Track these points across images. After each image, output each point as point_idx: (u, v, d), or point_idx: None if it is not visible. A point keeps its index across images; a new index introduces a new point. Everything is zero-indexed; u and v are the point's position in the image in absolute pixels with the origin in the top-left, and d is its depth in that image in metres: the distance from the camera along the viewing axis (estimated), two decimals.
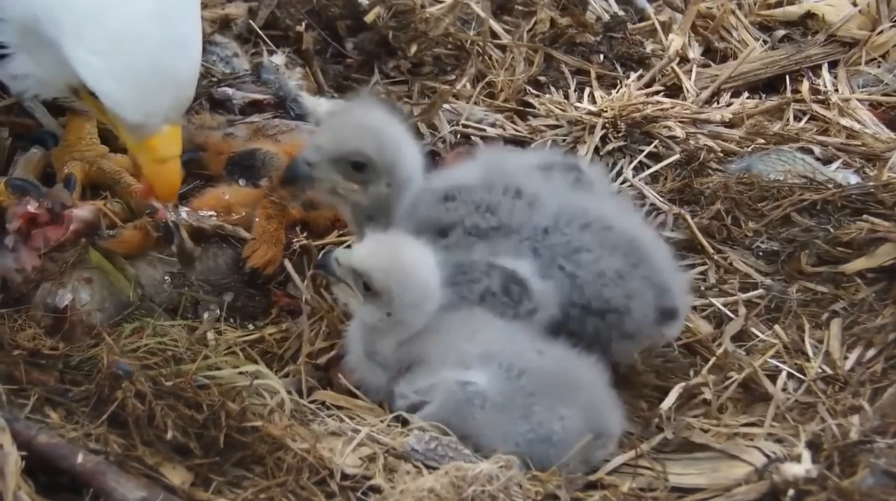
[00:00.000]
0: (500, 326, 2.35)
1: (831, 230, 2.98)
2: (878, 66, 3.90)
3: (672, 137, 3.39)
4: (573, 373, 2.31)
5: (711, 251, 2.98)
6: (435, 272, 2.33)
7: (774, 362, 2.64)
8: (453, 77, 3.66)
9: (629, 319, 2.43)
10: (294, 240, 2.80)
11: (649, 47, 3.92)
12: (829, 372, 2.61)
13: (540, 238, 2.43)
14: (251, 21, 3.68)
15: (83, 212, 2.57)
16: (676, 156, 3.31)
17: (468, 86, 3.61)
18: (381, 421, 2.28)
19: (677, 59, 3.83)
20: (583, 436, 2.24)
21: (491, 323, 2.35)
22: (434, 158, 2.95)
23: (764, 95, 3.82)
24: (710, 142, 3.40)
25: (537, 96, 3.61)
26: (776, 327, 2.75)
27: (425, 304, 2.33)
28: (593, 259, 2.41)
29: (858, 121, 3.61)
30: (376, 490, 2.11)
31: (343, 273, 2.33)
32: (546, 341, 2.35)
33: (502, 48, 3.81)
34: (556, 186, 2.52)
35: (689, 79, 3.76)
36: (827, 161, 3.39)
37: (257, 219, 2.75)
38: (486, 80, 3.68)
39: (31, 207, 2.52)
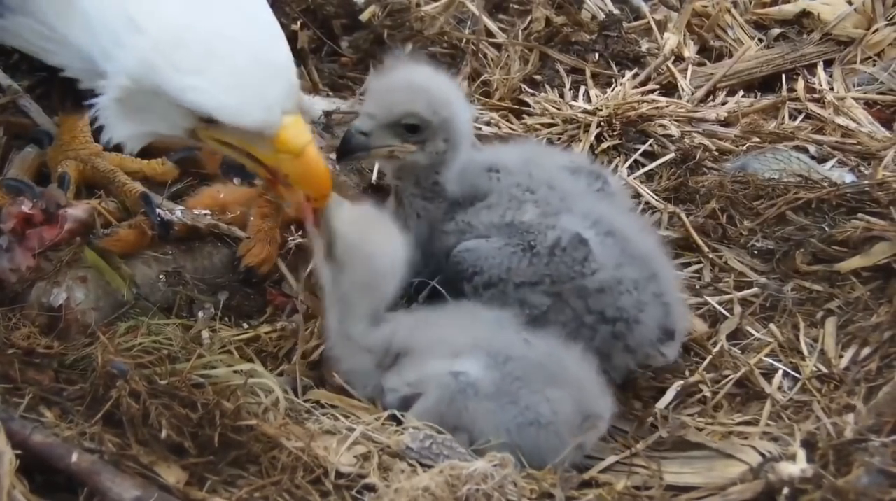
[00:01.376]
0: (488, 317, 2.37)
1: (826, 229, 2.98)
2: (874, 65, 3.90)
3: (667, 136, 3.39)
4: (560, 360, 2.33)
5: (706, 249, 2.98)
6: (396, 270, 2.37)
7: (770, 361, 2.65)
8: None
9: (637, 331, 2.46)
10: (289, 239, 2.79)
11: (645, 46, 3.93)
12: (825, 370, 2.61)
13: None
14: None
15: (78, 211, 2.56)
16: (671, 155, 3.31)
17: (463, 84, 3.60)
18: (376, 420, 2.28)
19: (673, 57, 3.83)
20: (572, 417, 2.27)
21: (478, 314, 2.38)
22: None
23: (759, 94, 3.82)
24: (706, 141, 3.41)
25: (533, 95, 3.61)
26: (771, 326, 2.75)
27: (373, 292, 2.37)
28: (615, 264, 2.44)
29: (854, 120, 3.62)
30: (371, 488, 2.11)
31: (326, 222, 2.35)
32: (533, 332, 2.37)
33: (497, 47, 3.81)
34: (583, 189, 2.59)
35: (685, 77, 3.76)
36: (822, 159, 3.39)
37: (252, 218, 2.75)
38: (482, 78, 3.68)
39: (26, 207, 2.51)
